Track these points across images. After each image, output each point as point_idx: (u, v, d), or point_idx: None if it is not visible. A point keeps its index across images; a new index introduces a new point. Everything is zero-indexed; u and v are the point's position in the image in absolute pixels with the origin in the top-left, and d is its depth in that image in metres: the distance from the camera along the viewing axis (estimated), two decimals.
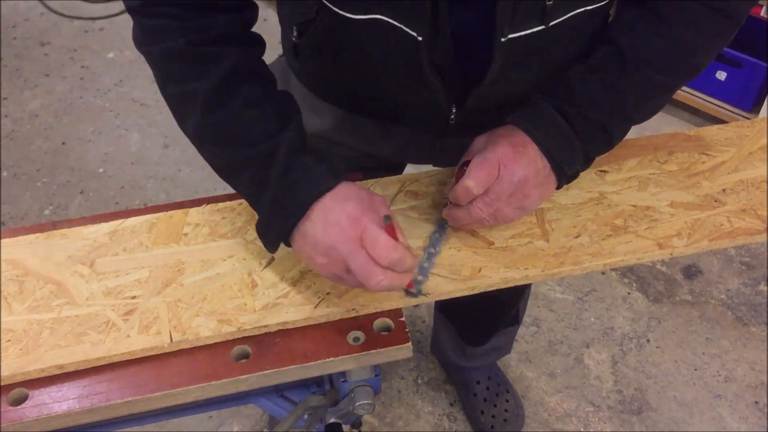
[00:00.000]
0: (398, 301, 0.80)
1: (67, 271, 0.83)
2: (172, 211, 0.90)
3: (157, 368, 0.75)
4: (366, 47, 0.80)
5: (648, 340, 1.82)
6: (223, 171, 0.79)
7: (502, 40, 0.75)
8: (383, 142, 1.00)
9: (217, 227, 0.88)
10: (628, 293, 1.92)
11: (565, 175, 0.82)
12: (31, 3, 2.88)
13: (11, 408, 0.72)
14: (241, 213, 0.89)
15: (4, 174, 2.22)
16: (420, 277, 0.81)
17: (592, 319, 1.86)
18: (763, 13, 2.07)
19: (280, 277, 0.82)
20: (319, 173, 0.73)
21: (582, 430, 1.65)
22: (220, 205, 0.90)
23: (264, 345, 0.77)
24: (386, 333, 0.78)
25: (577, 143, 0.81)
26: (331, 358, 0.75)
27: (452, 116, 0.89)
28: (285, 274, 0.82)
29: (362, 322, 0.79)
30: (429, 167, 0.99)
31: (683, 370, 1.75)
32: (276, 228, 0.75)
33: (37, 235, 0.87)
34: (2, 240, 0.86)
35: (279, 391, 0.90)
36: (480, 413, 1.62)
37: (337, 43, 0.85)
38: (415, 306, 1.87)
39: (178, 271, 0.83)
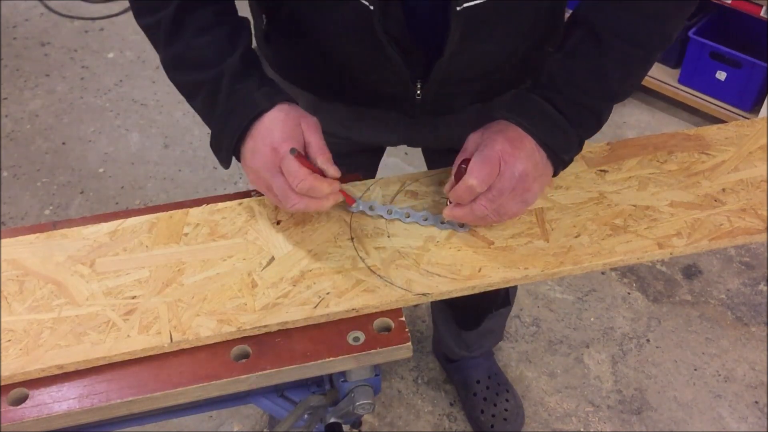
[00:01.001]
0: (398, 301, 0.80)
1: (67, 271, 0.83)
2: (172, 211, 0.90)
3: (157, 368, 0.75)
4: (325, 23, 0.85)
5: (648, 340, 1.82)
6: (184, 95, 0.87)
7: (458, 9, 0.76)
8: (356, 126, 1.03)
9: (217, 227, 0.88)
10: (628, 293, 1.92)
11: (562, 162, 0.84)
12: (31, 3, 2.88)
13: (11, 408, 0.72)
14: (241, 213, 0.89)
15: (4, 174, 2.22)
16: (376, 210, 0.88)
17: (592, 319, 1.86)
18: (763, 13, 2.07)
19: (280, 277, 0.82)
20: (257, 97, 0.81)
21: (582, 430, 1.65)
22: (220, 205, 0.90)
23: (264, 345, 0.77)
24: (386, 333, 0.78)
25: (570, 129, 0.83)
26: (331, 358, 0.75)
27: (418, 92, 0.90)
28: (285, 274, 0.82)
29: (362, 322, 0.79)
30: (409, 158, 0.99)
31: (683, 370, 1.75)
32: (224, 146, 0.83)
33: (37, 235, 0.87)
34: (2, 240, 0.86)
35: (279, 391, 0.90)
36: (480, 413, 1.62)
37: (301, 24, 0.89)
38: (415, 306, 1.87)
39: (178, 271, 0.83)
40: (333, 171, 0.81)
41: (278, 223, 0.88)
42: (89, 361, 0.75)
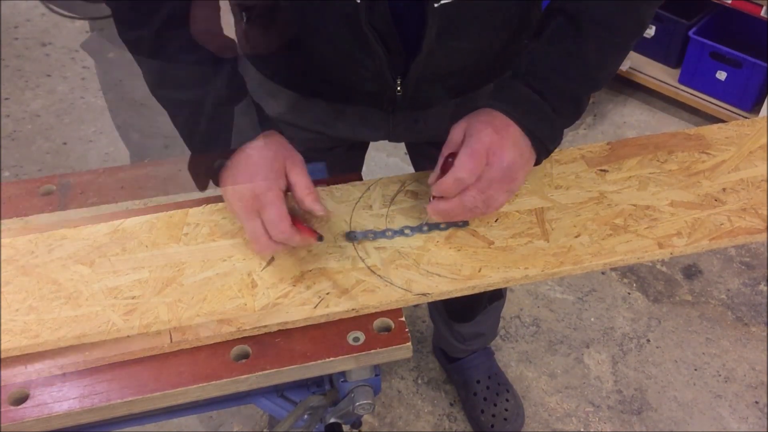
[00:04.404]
0: (398, 301, 0.80)
1: (67, 271, 0.83)
2: (172, 211, 0.90)
3: (157, 368, 0.75)
4: (309, 18, 0.84)
5: (648, 340, 1.82)
6: (168, 112, 0.87)
7: (435, 5, 0.78)
8: (337, 123, 1.04)
9: (216, 227, 0.88)
10: (628, 293, 1.92)
11: (546, 150, 0.85)
12: (32, 3, 2.88)
13: (12, 408, 0.72)
14: None
15: (5, 174, 2.22)
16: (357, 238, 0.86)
17: (592, 319, 1.86)
18: (763, 13, 2.07)
19: (280, 277, 0.82)
20: (242, 125, 0.81)
21: (582, 430, 1.65)
22: (220, 204, 0.90)
23: (264, 345, 0.77)
24: (386, 333, 0.78)
25: (555, 117, 0.83)
26: (331, 358, 0.75)
27: (398, 88, 0.91)
28: (285, 275, 0.82)
29: (362, 322, 0.79)
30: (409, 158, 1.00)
31: (683, 370, 1.75)
32: (203, 171, 0.84)
33: (37, 234, 0.87)
34: (2, 239, 0.87)
35: (279, 391, 0.90)
36: (480, 413, 1.62)
37: (282, 21, 0.89)
38: (415, 306, 1.87)
39: (178, 271, 0.83)
40: (320, 209, 0.81)
41: None
42: (88, 362, 0.75)
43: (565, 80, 0.84)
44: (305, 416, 0.87)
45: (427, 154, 1.15)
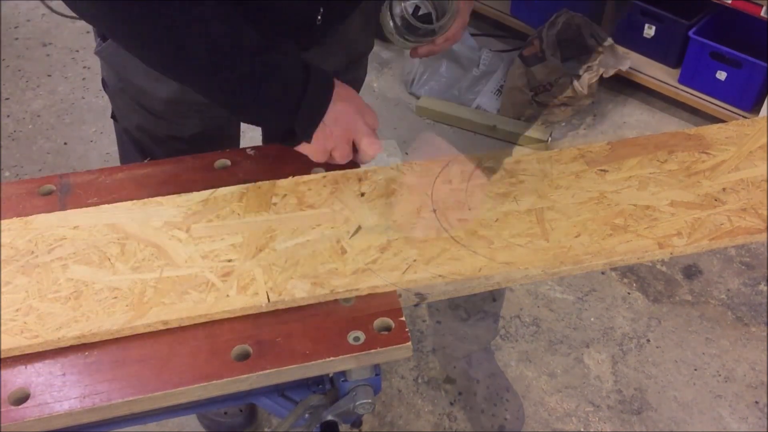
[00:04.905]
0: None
1: (165, 236, 0.86)
2: (260, 182, 0.93)
3: (157, 368, 0.75)
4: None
5: (648, 340, 1.82)
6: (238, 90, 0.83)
7: None
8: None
9: (303, 197, 0.90)
10: (628, 293, 1.92)
11: None
12: (32, 3, 2.88)
13: (12, 407, 0.72)
14: (326, 185, 0.92)
15: (6, 174, 2.22)
16: None
17: (592, 319, 1.86)
18: (763, 13, 2.06)
19: (368, 245, 0.85)
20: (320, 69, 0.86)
21: (582, 430, 1.65)
22: (305, 177, 0.94)
23: (264, 345, 0.77)
24: (386, 332, 0.78)
25: None
26: (331, 358, 0.76)
27: (319, 17, 0.93)
28: (372, 242, 0.85)
29: (362, 322, 0.79)
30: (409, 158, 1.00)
31: (683, 370, 1.75)
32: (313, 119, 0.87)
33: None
34: (102, 206, 0.90)
35: (280, 390, 0.90)
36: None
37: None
38: (415, 305, 1.87)
39: (270, 237, 0.86)
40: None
41: (362, 195, 0.91)
42: (192, 318, 0.78)
43: None
44: (306, 415, 0.87)
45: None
